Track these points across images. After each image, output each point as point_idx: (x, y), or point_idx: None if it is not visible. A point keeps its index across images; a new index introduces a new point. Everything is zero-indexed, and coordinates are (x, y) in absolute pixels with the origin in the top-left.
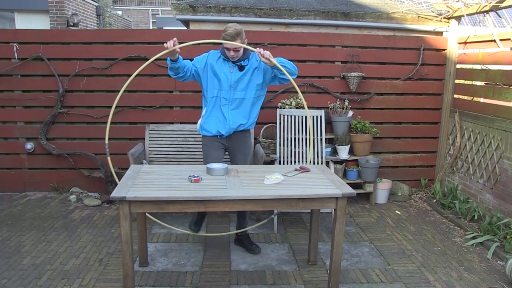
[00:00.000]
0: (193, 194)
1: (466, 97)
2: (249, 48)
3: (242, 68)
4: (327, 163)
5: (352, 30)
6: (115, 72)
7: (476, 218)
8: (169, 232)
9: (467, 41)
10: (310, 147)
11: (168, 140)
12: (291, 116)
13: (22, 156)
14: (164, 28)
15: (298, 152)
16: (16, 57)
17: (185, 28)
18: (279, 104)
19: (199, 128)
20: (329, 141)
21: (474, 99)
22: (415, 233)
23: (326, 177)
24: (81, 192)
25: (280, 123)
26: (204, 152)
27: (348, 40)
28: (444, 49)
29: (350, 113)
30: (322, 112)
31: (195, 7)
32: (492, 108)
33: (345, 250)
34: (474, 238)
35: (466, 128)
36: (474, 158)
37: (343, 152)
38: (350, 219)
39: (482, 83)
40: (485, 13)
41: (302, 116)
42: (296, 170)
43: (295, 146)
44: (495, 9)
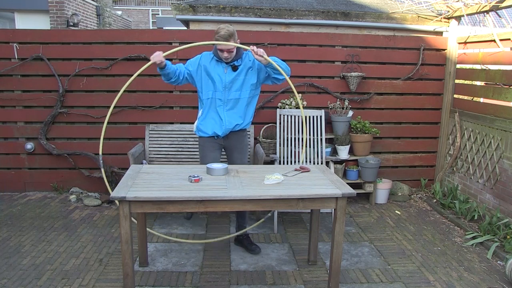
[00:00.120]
0: (193, 194)
1: (466, 97)
2: (243, 46)
3: (236, 68)
4: (327, 163)
5: (352, 30)
6: (115, 72)
7: (476, 218)
8: (169, 232)
9: (467, 41)
10: (302, 147)
11: (168, 140)
12: (291, 116)
13: (22, 156)
14: (164, 28)
15: (298, 152)
16: (16, 57)
17: (185, 28)
18: (279, 104)
19: (196, 130)
20: (329, 141)
21: (474, 99)
22: (415, 233)
23: (326, 177)
24: (81, 192)
25: (280, 123)
26: (201, 153)
27: (348, 40)
28: (444, 49)
29: (350, 113)
30: (322, 112)
31: (195, 7)
32: (492, 108)
33: (345, 250)
34: (474, 238)
35: (466, 128)
36: (474, 158)
37: (343, 152)
38: (350, 219)
39: (482, 83)
40: (485, 13)
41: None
42: (296, 170)
43: (295, 146)
44: (495, 9)
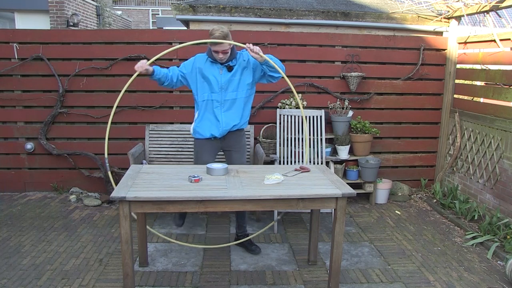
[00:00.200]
0: (193, 194)
1: (466, 97)
2: (239, 44)
3: (231, 68)
4: (327, 163)
5: (352, 30)
6: (115, 72)
7: (476, 218)
8: (169, 232)
9: (467, 41)
10: (306, 147)
11: (168, 140)
12: (291, 116)
13: (22, 156)
14: (164, 28)
15: (298, 152)
16: (16, 57)
17: (185, 28)
18: (279, 104)
19: (193, 132)
20: (329, 141)
21: (474, 99)
22: (415, 233)
23: (326, 177)
24: (81, 192)
25: (280, 123)
26: (195, 154)
27: (348, 40)
28: (444, 49)
29: (350, 113)
30: (322, 112)
31: (195, 7)
32: (492, 108)
33: (345, 250)
34: (474, 238)
35: (466, 128)
36: (474, 158)
37: (343, 152)
38: (350, 219)
39: (482, 83)
40: (485, 13)
41: (302, 116)
42: (296, 170)
43: (295, 146)
44: (495, 9)
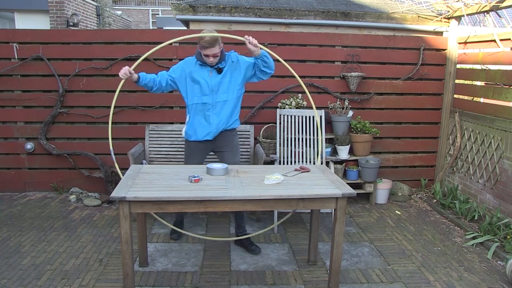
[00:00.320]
0: (193, 194)
1: (466, 97)
2: (236, 37)
3: (221, 70)
4: (327, 163)
5: (352, 30)
6: (115, 72)
7: (476, 218)
8: (169, 232)
9: (467, 41)
10: (319, 146)
11: (168, 140)
12: (291, 116)
13: (22, 156)
14: (164, 28)
15: (298, 152)
16: (16, 57)
17: (185, 28)
18: (279, 104)
19: (185, 135)
20: (329, 141)
21: (474, 99)
22: (415, 233)
23: (326, 177)
24: (81, 192)
25: (280, 123)
26: (185, 156)
27: (348, 40)
28: (444, 49)
29: (350, 113)
30: (322, 112)
31: (195, 7)
32: (492, 108)
33: (345, 250)
34: (474, 238)
35: (466, 128)
36: (474, 158)
37: (343, 152)
38: (350, 219)
39: (482, 83)
40: (485, 13)
41: (302, 116)
42: (296, 170)
43: (295, 146)
44: (495, 9)
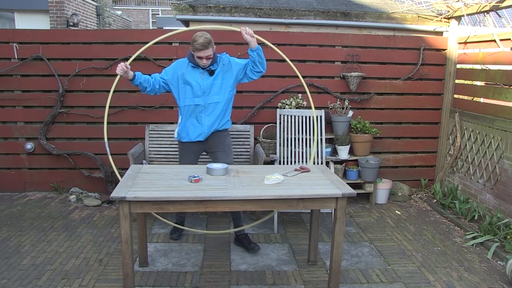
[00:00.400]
0: (193, 194)
1: (466, 97)
2: (232, 28)
3: (212, 72)
4: (327, 163)
5: (352, 30)
6: (115, 72)
7: (476, 218)
8: (169, 232)
9: (467, 41)
10: (313, 146)
11: (168, 140)
12: (291, 116)
13: (22, 156)
14: (164, 28)
15: (298, 152)
16: (16, 57)
17: (185, 28)
18: (279, 104)
19: (176, 136)
20: (329, 141)
21: (474, 99)
22: (415, 233)
23: (326, 177)
24: (81, 192)
25: (280, 123)
26: (180, 157)
27: (348, 40)
28: (444, 49)
29: (350, 113)
30: (322, 112)
31: (195, 7)
32: (492, 108)
33: (345, 250)
34: (474, 238)
35: (466, 128)
36: (474, 158)
37: (343, 152)
38: (350, 219)
39: (482, 83)
40: (485, 13)
41: (302, 116)
42: (296, 170)
43: (295, 146)
44: (495, 9)
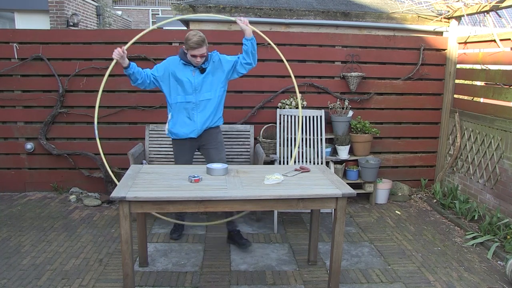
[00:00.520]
0: (193, 194)
1: (466, 97)
2: (227, 18)
3: (203, 70)
4: (327, 163)
5: (352, 30)
6: (115, 72)
7: (476, 218)
8: (169, 232)
9: (467, 41)
10: (295, 146)
11: (168, 140)
12: (291, 116)
13: (22, 156)
14: (164, 28)
15: (298, 152)
16: (16, 57)
17: (185, 28)
18: (279, 104)
19: (168, 133)
20: (329, 141)
21: (474, 99)
22: (415, 233)
23: (326, 177)
24: (81, 192)
25: (280, 123)
26: (174, 155)
27: (348, 40)
28: (444, 49)
29: (350, 113)
30: (322, 112)
31: (195, 7)
32: (492, 108)
33: (345, 250)
34: (474, 238)
35: (466, 128)
36: (474, 158)
37: (343, 152)
38: (350, 219)
39: (482, 83)
40: (485, 13)
41: (302, 116)
42: (296, 170)
43: (295, 146)
44: (495, 9)
